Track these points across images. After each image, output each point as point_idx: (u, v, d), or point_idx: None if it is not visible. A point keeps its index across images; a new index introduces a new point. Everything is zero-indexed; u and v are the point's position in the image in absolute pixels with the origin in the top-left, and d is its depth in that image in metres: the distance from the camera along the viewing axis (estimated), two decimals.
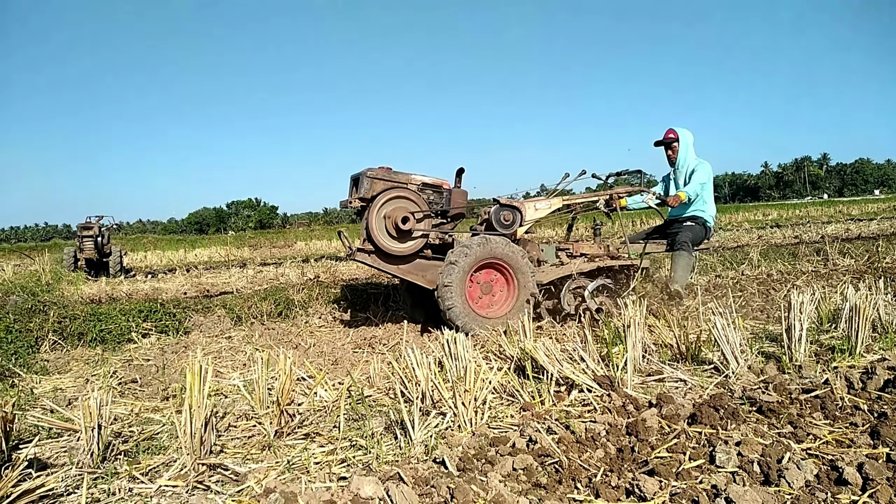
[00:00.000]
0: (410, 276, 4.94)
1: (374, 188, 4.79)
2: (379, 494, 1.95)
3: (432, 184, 5.01)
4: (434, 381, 2.79)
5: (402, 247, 4.85)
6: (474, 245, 4.70)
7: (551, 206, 5.27)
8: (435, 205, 5.00)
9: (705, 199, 5.69)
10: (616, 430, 2.47)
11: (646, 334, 3.50)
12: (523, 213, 5.06)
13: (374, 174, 4.82)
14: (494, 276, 4.92)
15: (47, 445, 2.75)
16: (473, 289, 4.84)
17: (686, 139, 5.71)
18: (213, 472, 2.36)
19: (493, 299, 4.94)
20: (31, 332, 5.25)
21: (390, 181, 4.84)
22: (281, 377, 2.81)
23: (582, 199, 5.51)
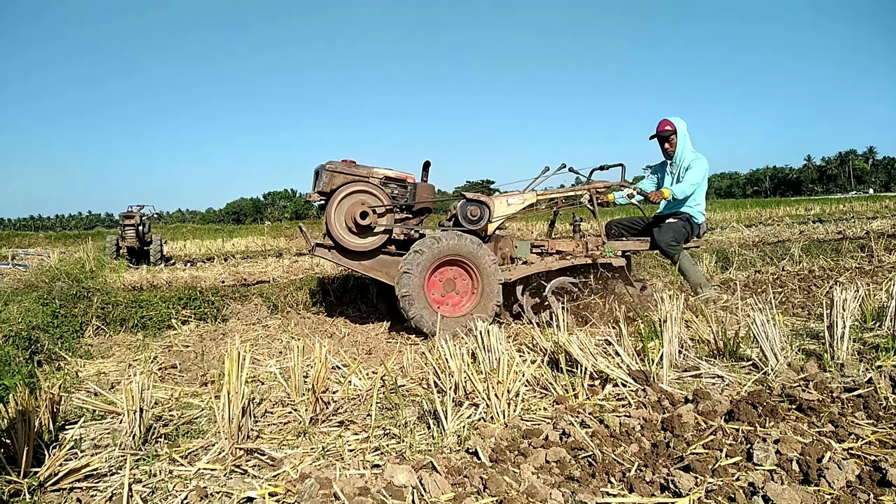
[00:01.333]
0: (373, 272, 4.82)
1: (333, 182, 4.66)
2: (412, 483, 1.97)
3: (396, 177, 4.85)
4: (467, 372, 2.80)
5: (362, 242, 4.73)
6: (426, 247, 4.53)
7: (524, 202, 5.04)
8: (399, 199, 4.85)
9: (696, 197, 5.41)
10: (651, 425, 2.45)
11: (682, 329, 3.45)
12: (491, 209, 4.85)
13: (334, 167, 4.70)
14: (456, 273, 4.74)
15: (91, 427, 2.83)
16: (435, 290, 4.69)
17: (682, 129, 5.40)
18: (250, 457, 2.40)
19: (457, 298, 4.76)
20: (76, 317, 5.42)
21: (350, 174, 4.71)
22: (316, 365, 2.85)
23: (557, 194, 5.29)
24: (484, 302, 4.62)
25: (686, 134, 5.41)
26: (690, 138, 5.43)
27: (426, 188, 4.96)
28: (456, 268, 4.70)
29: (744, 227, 14.99)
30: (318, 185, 4.69)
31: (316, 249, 4.77)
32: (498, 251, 5.04)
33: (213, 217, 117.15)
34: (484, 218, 4.83)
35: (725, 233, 13.37)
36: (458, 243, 4.56)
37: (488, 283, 4.62)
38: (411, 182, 4.90)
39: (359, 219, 4.57)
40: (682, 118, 5.42)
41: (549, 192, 5.26)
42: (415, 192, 4.89)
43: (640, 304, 4.73)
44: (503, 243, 5.09)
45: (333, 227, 4.64)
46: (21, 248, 23.53)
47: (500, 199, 4.96)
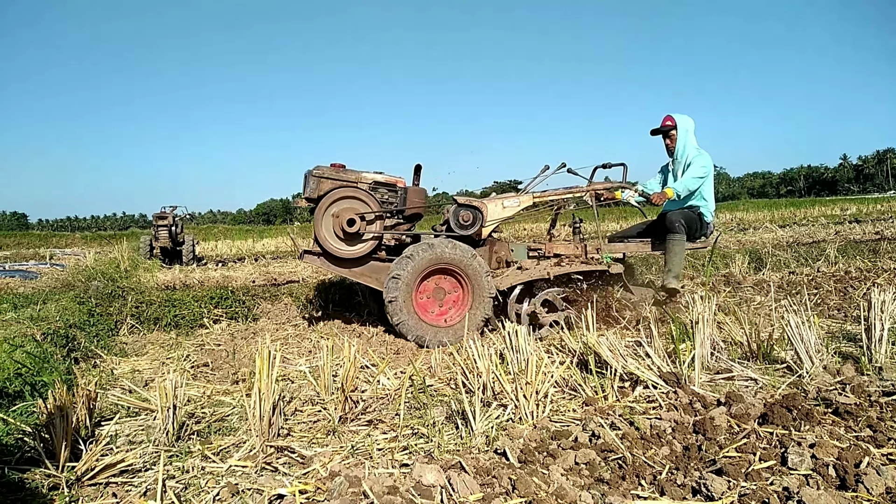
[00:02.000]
0: (364, 278, 4.71)
1: (321, 187, 4.55)
2: (441, 482, 1.97)
3: (385, 182, 4.72)
4: (495, 372, 2.79)
5: (351, 249, 4.62)
6: (416, 253, 4.41)
7: (521, 204, 4.88)
8: (389, 204, 4.72)
9: (703, 195, 5.24)
10: (682, 427, 2.41)
11: (714, 331, 3.40)
12: (484, 213, 4.69)
13: (321, 172, 4.58)
14: (446, 282, 4.59)
15: (126, 423, 2.89)
16: (423, 298, 4.56)
17: (685, 126, 5.22)
18: (280, 455, 2.43)
19: (447, 307, 4.62)
20: (111, 315, 5.53)
21: (338, 180, 4.59)
22: (345, 364, 2.87)
23: (555, 195, 5.08)
24: (473, 314, 4.46)
25: (689, 131, 5.24)
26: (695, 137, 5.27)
27: (417, 192, 4.81)
28: (448, 277, 4.57)
29: (777, 228, 14.72)
30: (306, 191, 4.59)
31: (305, 256, 4.68)
32: (493, 255, 4.90)
33: (244, 218, 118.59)
34: (477, 223, 4.67)
35: (759, 233, 13.14)
36: (452, 252, 4.44)
37: (479, 295, 4.47)
38: (402, 186, 4.76)
39: (346, 226, 4.47)
40: (690, 116, 5.28)
41: (547, 193, 5.08)
42: (405, 196, 4.75)
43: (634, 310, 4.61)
44: (498, 247, 4.95)
45: (321, 234, 4.54)
46: (58, 249, 24.15)
47: (495, 202, 4.81)
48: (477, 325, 4.46)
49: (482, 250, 4.80)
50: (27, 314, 4.71)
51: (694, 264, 7.28)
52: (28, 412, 2.79)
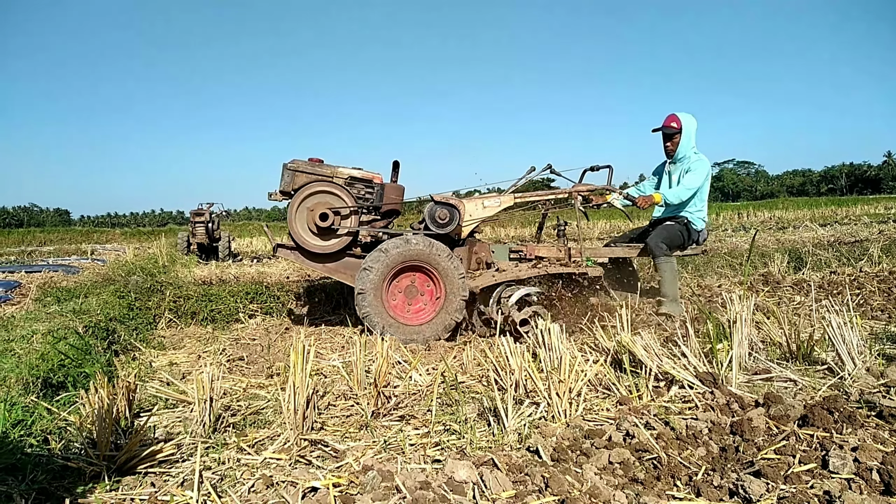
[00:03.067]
0: (338, 275, 4.64)
1: (295, 181, 4.49)
2: (473, 479, 1.97)
3: (362, 178, 4.63)
4: (528, 370, 2.78)
5: (324, 244, 4.55)
6: (391, 248, 4.34)
7: (501, 204, 4.76)
8: (365, 200, 4.64)
9: (697, 200, 5.11)
10: (719, 428, 2.37)
11: (752, 331, 3.33)
12: (461, 212, 4.58)
13: (296, 166, 4.52)
14: (419, 280, 4.52)
15: (164, 415, 2.95)
16: (394, 295, 4.50)
17: (689, 129, 5.05)
18: (314, 448, 2.45)
19: (418, 306, 4.54)
20: (150, 310, 5.65)
21: (313, 174, 4.52)
22: (378, 360, 2.89)
23: (537, 197, 4.99)
24: (443, 315, 4.40)
25: (692, 134, 5.08)
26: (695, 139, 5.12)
27: (394, 189, 4.74)
28: (421, 275, 4.50)
29: (818, 226, 14.35)
30: (281, 185, 4.54)
31: (278, 250, 4.65)
32: (473, 255, 4.80)
33: (279, 215, 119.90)
34: (454, 221, 4.55)
35: (798, 232, 12.83)
36: (427, 250, 4.36)
37: (451, 297, 4.39)
38: (378, 182, 4.68)
39: (318, 220, 4.42)
40: (692, 116, 5.12)
41: (529, 194, 4.98)
42: (382, 192, 4.68)
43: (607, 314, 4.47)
44: (479, 247, 4.86)
45: (294, 228, 4.50)
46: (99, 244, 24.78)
47: (474, 202, 4.72)
48: (447, 325, 4.37)
49: (462, 250, 4.71)
50: (70, 307, 4.84)
51: (731, 263, 7.15)
52: (71, 402, 2.86)
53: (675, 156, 5.13)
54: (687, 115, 5.09)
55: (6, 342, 3.64)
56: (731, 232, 13.83)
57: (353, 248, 4.66)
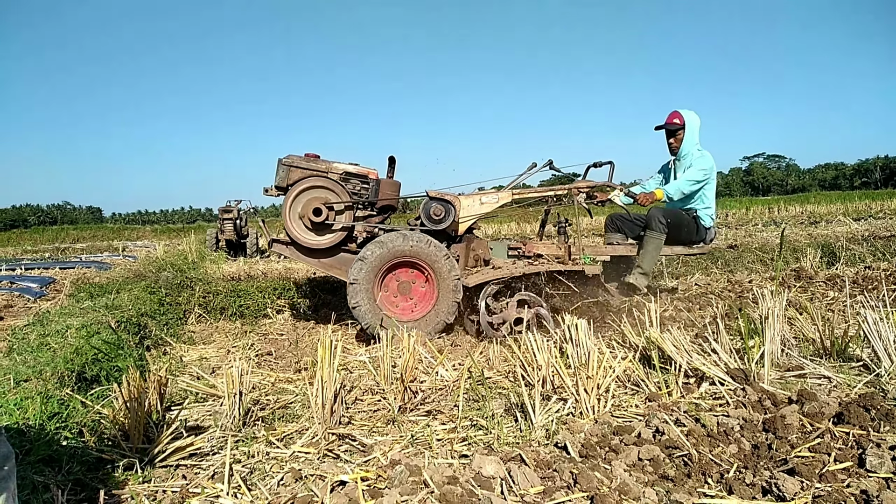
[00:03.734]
0: (333, 270, 4.62)
1: (290, 176, 4.48)
2: (500, 474, 1.96)
3: (357, 173, 4.58)
4: (555, 365, 2.76)
5: (319, 240, 4.53)
6: (388, 241, 4.30)
7: (499, 201, 4.72)
8: (361, 196, 4.60)
9: (704, 198, 5.00)
10: (751, 425, 2.33)
11: (785, 327, 3.27)
12: (457, 207, 4.53)
13: (290, 161, 4.49)
14: (413, 276, 4.46)
15: (195, 408, 2.99)
16: (388, 289, 4.45)
17: (692, 125, 4.97)
18: (341, 442, 2.47)
19: (412, 301, 4.48)
20: (180, 305, 5.74)
21: (308, 169, 4.50)
22: (405, 355, 2.90)
23: (535, 193, 4.92)
24: (435, 312, 4.34)
25: (695, 130, 4.98)
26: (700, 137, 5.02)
27: (390, 185, 4.69)
28: (415, 271, 4.46)
29: (851, 221, 14.04)
30: (276, 180, 4.53)
31: (273, 245, 4.63)
32: (470, 252, 4.74)
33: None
34: (449, 217, 4.52)
35: (831, 226, 12.57)
36: (424, 247, 4.32)
37: (444, 294, 4.33)
38: (374, 178, 4.63)
39: (312, 216, 4.39)
40: (695, 112, 5.02)
41: (527, 191, 4.92)
42: (377, 188, 4.62)
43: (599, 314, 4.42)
44: (476, 244, 4.79)
45: (289, 223, 4.48)
46: (130, 241, 25.21)
47: (471, 198, 4.67)
48: (440, 323, 4.32)
49: (459, 247, 4.66)
50: (102, 303, 4.93)
51: (762, 258, 7.03)
52: (104, 396, 2.92)
53: (678, 153, 5.05)
54: (690, 112, 5.01)
55: (42, 337, 3.73)
56: (762, 227, 13.59)
57: (348, 244, 4.63)
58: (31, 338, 3.86)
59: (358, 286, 4.25)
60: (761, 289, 3.65)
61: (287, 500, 1.97)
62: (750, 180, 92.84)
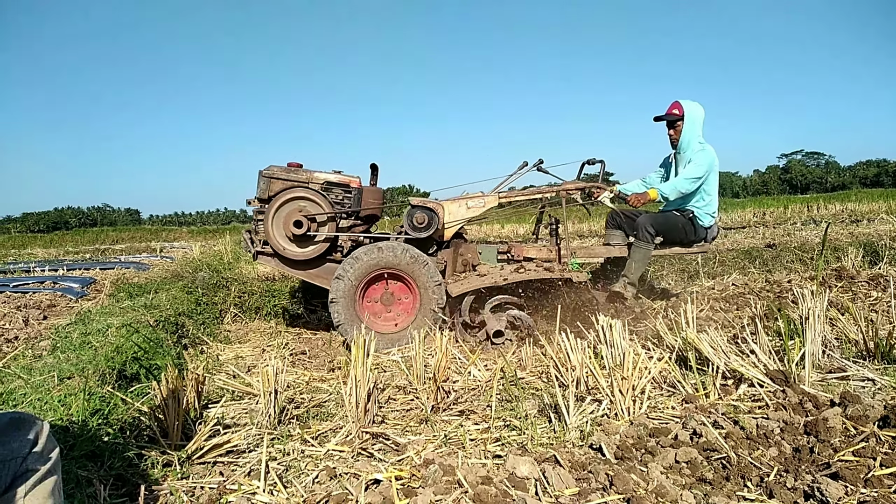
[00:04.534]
0: (319, 280, 4.54)
1: (271, 188, 4.42)
2: (535, 475, 1.95)
3: (338, 182, 4.50)
4: (589, 366, 2.73)
5: (302, 251, 4.46)
6: (363, 255, 4.23)
7: (486, 205, 4.61)
8: (343, 205, 4.53)
9: (704, 194, 4.86)
10: (792, 428, 2.28)
11: (826, 328, 3.19)
12: (440, 214, 4.43)
13: (271, 173, 4.43)
14: (394, 286, 4.39)
15: (231, 406, 3.03)
16: (370, 302, 4.39)
17: (693, 116, 4.81)
18: (375, 441, 2.48)
19: (395, 313, 4.41)
20: (216, 304, 5.83)
21: (289, 180, 4.43)
22: (437, 355, 2.90)
23: (523, 196, 4.80)
24: (419, 322, 4.25)
25: (696, 122, 4.83)
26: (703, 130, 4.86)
27: (373, 193, 4.63)
28: (396, 282, 4.39)
29: (895, 219, 13.65)
30: (258, 192, 4.48)
31: (258, 257, 4.59)
32: (458, 257, 4.66)
33: None
34: (433, 224, 4.42)
35: (873, 225, 12.22)
36: (399, 257, 4.24)
37: (426, 303, 4.27)
38: (356, 187, 4.56)
39: (293, 228, 4.33)
40: (700, 104, 4.87)
41: (514, 193, 4.79)
42: (360, 197, 4.55)
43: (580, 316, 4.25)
44: (464, 249, 4.71)
45: (272, 235, 4.43)
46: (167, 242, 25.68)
47: (457, 203, 4.58)
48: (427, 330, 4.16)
49: (447, 253, 4.59)
50: (141, 302, 5.04)
51: (801, 257, 6.87)
52: (144, 393, 2.97)
53: (678, 145, 4.92)
54: (691, 103, 4.87)
55: (84, 335, 3.82)
56: (801, 225, 13.27)
57: (333, 254, 4.59)
58: (73, 336, 3.96)
59: (338, 304, 4.21)
60: (801, 289, 3.57)
61: (322, 497, 1.99)
62: (788, 178, 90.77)
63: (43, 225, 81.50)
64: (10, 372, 3.23)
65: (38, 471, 1.31)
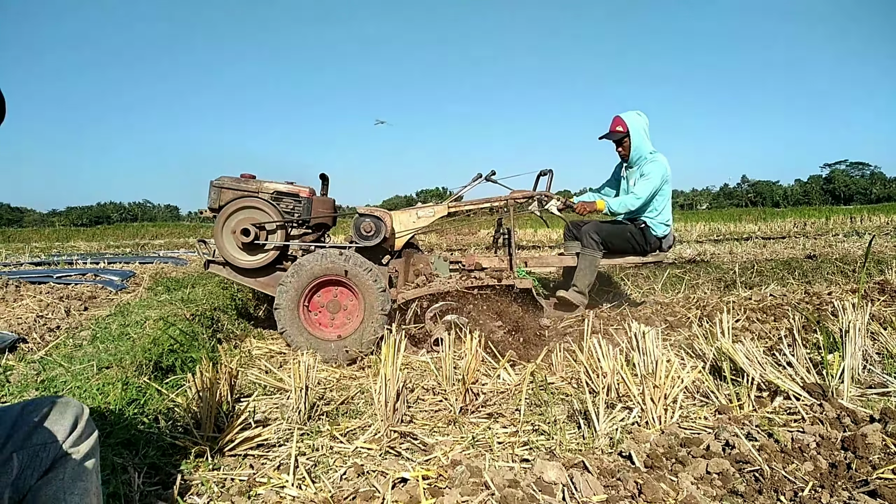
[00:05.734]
0: (269, 289, 4.51)
1: (221, 197, 4.43)
2: (563, 480, 1.94)
3: (288, 192, 4.52)
4: (621, 373, 2.70)
5: (251, 259, 4.45)
6: (305, 262, 4.21)
7: (436, 214, 4.66)
8: (293, 215, 4.53)
9: (656, 204, 4.81)
10: (828, 443, 2.22)
11: (867, 342, 3.10)
12: (387, 223, 4.44)
13: (221, 183, 4.46)
14: (340, 294, 4.34)
15: (262, 401, 3.08)
16: (315, 309, 4.35)
17: (638, 128, 4.79)
18: (403, 440, 2.49)
19: (340, 320, 4.35)
20: (251, 300, 5.91)
21: (239, 190, 4.45)
22: (466, 357, 2.90)
23: (472, 206, 4.81)
24: (363, 329, 4.21)
25: (643, 132, 4.80)
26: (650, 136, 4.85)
27: (323, 203, 4.62)
28: (342, 289, 4.34)
29: None
30: (209, 202, 4.50)
31: (210, 266, 4.60)
32: (410, 267, 4.65)
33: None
34: (380, 233, 4.40)
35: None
36: (337, 264, 4.21)
37: (371, 310, 4.21)
38: (305, 196, 4.57)
39: (241, 236, 4.34)
40: (642, 112, 4.84)
41: (464, 203, 4.80)
42: (310, 206, 4.56)
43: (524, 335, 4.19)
44: (417, 258, 4.73)
45: (221, 244, 4.44)
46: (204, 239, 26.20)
47: (407, 213, 4.66)
48: (369, 341, 4.19)
49: (398, 262, 4.59)
50: (178, 296, 5.14)
51: (843, 269, 6.70)
52: (179, 385, 3.04)
53: (629, 159, 4.91)
54: (632, 114, 4.85)
55: (122, 327, 3.92)
56: (843, 237, 12.93)
57: (283, 263, 4.61)
58: (112, 327, 4.07)
59: (282, 310, 4.22)
60: (842, 301, 3.48)
61: (350, 494, 2.01)
62: (830, 188, 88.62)
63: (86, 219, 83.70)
64: (52, 360, 3.33)
65: (78, 454, 1.35)
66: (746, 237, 14.40)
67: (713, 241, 13.61)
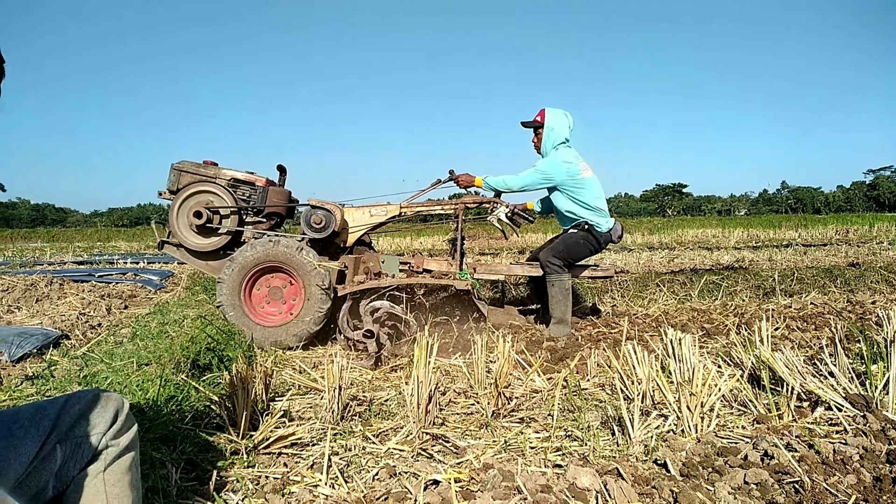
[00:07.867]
0: (218, 273, 4.55)
1: (180, 181, 4.60)
2: (596, 487, 1.92)
3: (244, 180, 4.67)
4: (656, 380, 2.67)
5: (204, 242, 4.61)
6: (249, 248, 4.31)
7: (388, 213, 4.85)
8: (248, 202, 4.69)
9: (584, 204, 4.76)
10: (872, 455, 2.15)
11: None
12: (337, 216, 4.53)
13: (181, 166, 4.60)
14: (281, 281, 4.43)
15: (296, 400, 3.11)
16: (256, 296, 4.43)
17: (553, 124, 4.79)
18: (435, 442, 2.49)
19: (283, 308, 4.45)
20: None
21: (197, 174, 4.62)
22: (499, 360, 2.89)
23: (423, 207, 4.96)
24: (301, 318, 4.29)
25: (555, 130, 4.78)
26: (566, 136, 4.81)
27: (278, 193, 4.75)
28: (283, 277, 4.43)
29: None
30: (168, 184, 4.66)
31: (164, 247, 4.71)
32: (360, 264, 4.66)
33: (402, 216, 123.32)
34: (329, 226, 4.53)
35: None
36: (275, 250, 4.30)
37: (310, 301, 4.28)
38: (261, 185, 4.71)
39: (193, 218, 4.49)
40: (567, 112, 4.83)
41: (416, 205, 4.91)
42: (265, 196, 4.71)
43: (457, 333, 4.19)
44: (367, 256, 4.77)
45: (175, 225, 4.59)
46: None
47: (361, 210, 4.83)
48: (306, 331, 4.26)
49: (348, 258, 4.60)
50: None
51: (887, 278, 6.51)
52: (215, 383, 3.09)
53: (541, 151, 4.92)
54: (556, 111, 4.84)
55: (161, 325, 4.01)
56: (887, 245, 12.56)
57: (234, 248, 4.67)
58: (151, 326, 4.16)
59: (224, 286, 4.29)
60: (886, 310, 3.37)
61: (382, 494, 2.01)
62: (875, 195, 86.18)
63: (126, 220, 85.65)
64: (94, 356, 3.42)
65: (118, 446, 1.38)
66: (786, 244, 14.09)
67: (752, 247, 13.34)
